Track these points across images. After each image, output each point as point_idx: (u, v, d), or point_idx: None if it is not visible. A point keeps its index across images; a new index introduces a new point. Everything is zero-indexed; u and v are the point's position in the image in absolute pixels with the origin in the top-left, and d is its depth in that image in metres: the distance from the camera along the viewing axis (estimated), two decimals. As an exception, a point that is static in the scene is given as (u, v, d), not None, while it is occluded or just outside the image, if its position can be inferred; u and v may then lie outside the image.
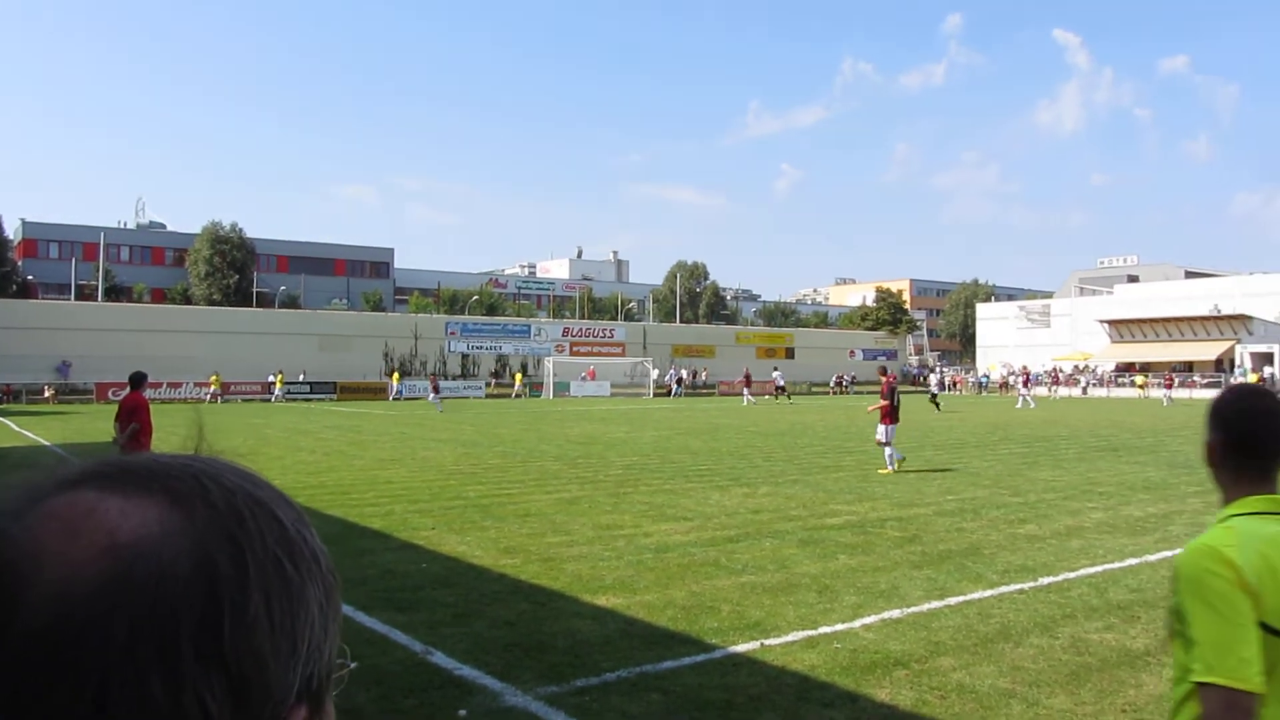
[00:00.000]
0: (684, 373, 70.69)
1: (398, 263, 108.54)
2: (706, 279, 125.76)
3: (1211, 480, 2.30)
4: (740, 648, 6.50)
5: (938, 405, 42.51)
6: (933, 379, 43.24)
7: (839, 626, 7.04)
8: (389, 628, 7.03)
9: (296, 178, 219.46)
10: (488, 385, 65.94)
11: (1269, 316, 72.97)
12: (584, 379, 67.66)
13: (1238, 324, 71.66)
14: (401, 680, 5.92)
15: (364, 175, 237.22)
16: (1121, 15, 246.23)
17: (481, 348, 71.66)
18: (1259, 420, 2.20)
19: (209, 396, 51.12)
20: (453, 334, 70.62)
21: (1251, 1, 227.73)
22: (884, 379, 18.59)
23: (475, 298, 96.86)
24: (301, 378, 58.43)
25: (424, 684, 5.87)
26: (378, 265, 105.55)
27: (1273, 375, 65.91)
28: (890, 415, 17.67)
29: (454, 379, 66.99)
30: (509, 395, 61.97)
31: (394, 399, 57.16)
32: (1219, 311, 74.40)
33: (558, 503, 13.45)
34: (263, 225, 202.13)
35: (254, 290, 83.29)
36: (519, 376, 64.81)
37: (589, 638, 6.81)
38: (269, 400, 55.20)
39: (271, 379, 55.67)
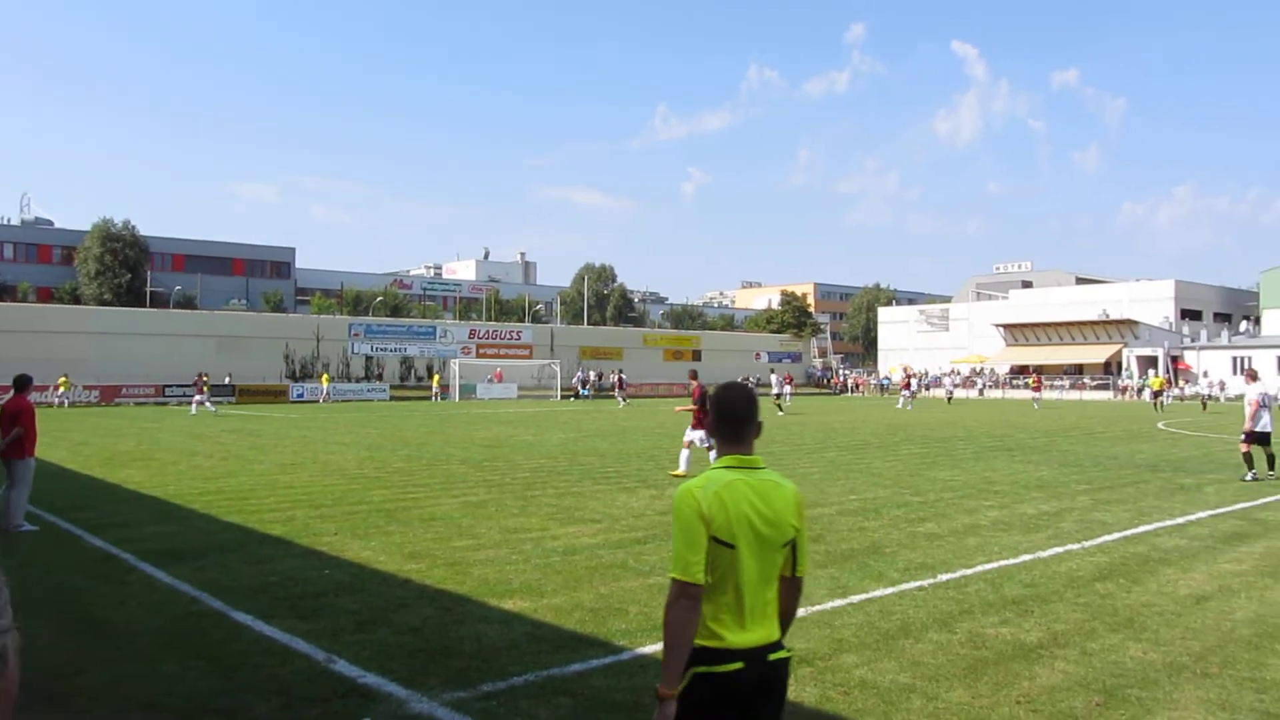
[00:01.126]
0: (592, 374, 70.68)
1: (299, 263, 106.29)
2: (614, 281, 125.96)
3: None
4: (648, 649, 6.52)
5: (780, 407, 43.22)
6: (774, 379, 43.72)
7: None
8: (290, 636, 6.87)
9: (192, 175, 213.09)
10: (393, 387, 65.07)
11: (1154, 321, 76.12)
12: (491, 381, 67.13)
13: (1125, 329, 74.59)
14: (303, 690, 5.79)
15: (264, 173, 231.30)
16: (1016, 29, 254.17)
17: (386, 350, 70.57)
18: (730, 404, 3.30)
19: (58, 401, 48.82)
20: (356, 335, 69.39)
21: (1137, 19, 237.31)
22: (694, 384, 18.32)
23: (380, 299, 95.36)
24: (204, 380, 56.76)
25: (327, 693, 5.75)
26: (278, 265, 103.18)
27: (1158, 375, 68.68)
28: (701, 420, 17.14)
29: (358, 381, 65.89)
30: (414, 398, 61.18)
31: (324, 401, 56.38)
32: (1107, 316, 77.38)
33: (464, 506, 13.32)
34: (157, 223, 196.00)
35: (148, 290, 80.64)
36: (437, 378, 64.09)
37: (496, 642, 6.76)
38: (164, 404, 53.51)
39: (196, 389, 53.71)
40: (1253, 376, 17.65)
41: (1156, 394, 45.50)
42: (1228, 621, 7.26)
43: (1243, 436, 16.90)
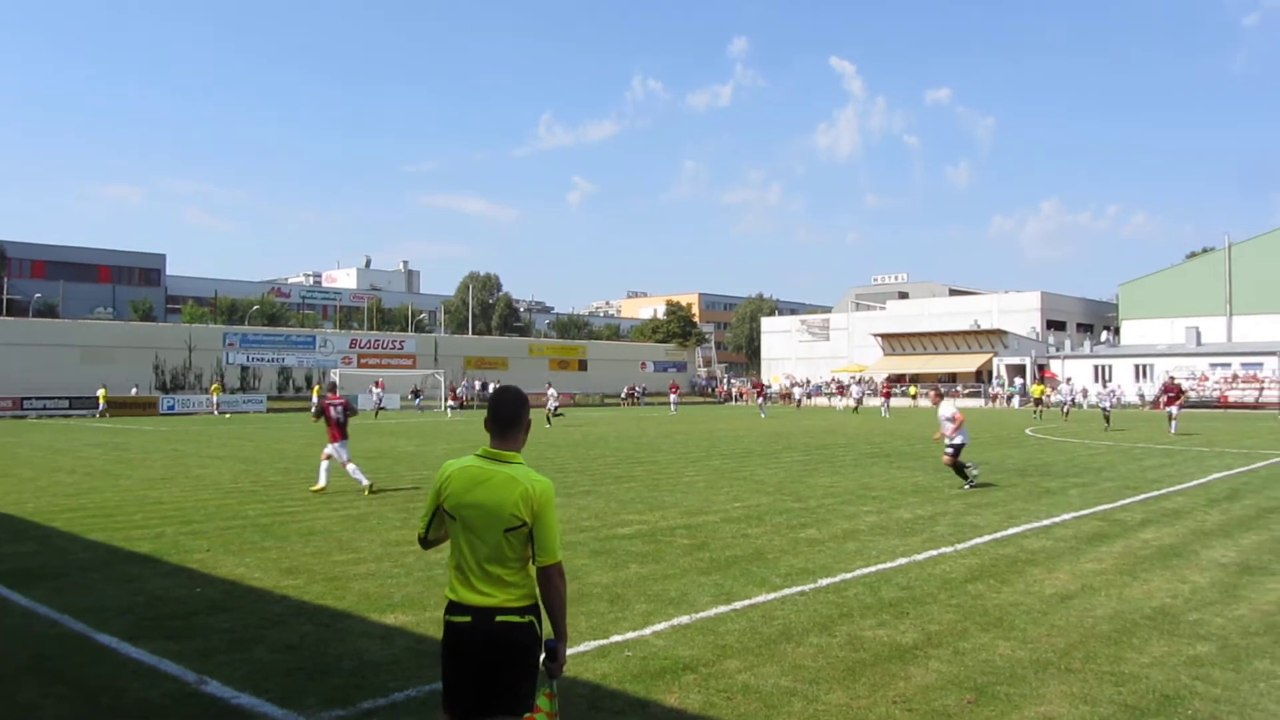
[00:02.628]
0: (477, 384, 69.98)
1: (170, 270, 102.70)
2: (499, 290, 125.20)
3: None
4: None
5: (549, 420, 43.12)
6: (551, 393, 43.31)
7: (630, 634, 7.13)
8: (158, 658, 6.60)
9: (45, 175, 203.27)
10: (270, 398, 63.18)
11: (1021, 331, 79.29)
12: (373, 391, 65.84)
13: (995, 338, 77.48)
14: (172, 713, 5.57)
15: (127, 175, 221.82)
16: (892, 48, 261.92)
17: (263, 359, 68.57)
18: (494, 404, 3.96)
19: None
20: (231, 345, 67.25)
21: (1004, 40, 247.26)
22: (333, 396, 17.05)
23: (256, 307, 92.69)
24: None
25: (197, 715, 5.55)
26: (147, 272, 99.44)
27: (1023, 385, 71.58)
28: (338, 431, 16.42)
29: (233, 392, 63.78)
30: (293, 409, 59.50)
31: (217, 413, 54.40)
32: (978, 326, 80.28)
33: (344, 520, 13.03)
34: (13, 227, 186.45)
35: (4, 298, 76.61)
36: (317, 389, 62.30)
37: (377, 658, 6.62)
38: (22, 417, 50.90)
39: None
40: (939, 396, 17.97)
41: (1038, 401, 46.91)
42: (1089, 618, 7.60)
43: (950, 451, 16.76)
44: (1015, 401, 68.67)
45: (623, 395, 78.67)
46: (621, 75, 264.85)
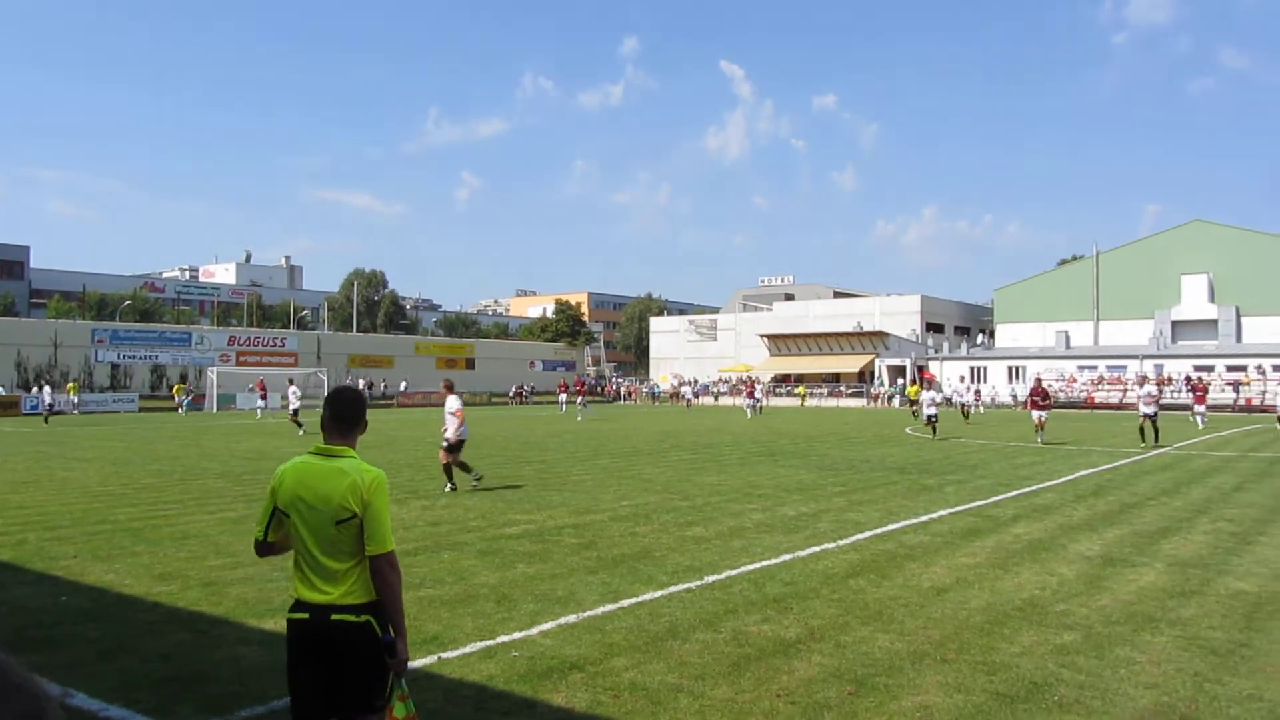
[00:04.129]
0: (361, 382, 68.61)
1: (34, 262, 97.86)
2: (385, 287, 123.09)
3: None
4: (417, 663, 6.38)
5: (300, 425, 38.79)
6: (292, 393, 38.95)
7: (517, 635, 7.10)
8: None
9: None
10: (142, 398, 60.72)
11: (902, 333, 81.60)
12: (252, 390, 63.95)
13: (876, 340, 79.53)
14: (34, 726, 5.31)
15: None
16: (780, 54, 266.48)
17: (135, 357, 65.83)
18: (329, 401, 4.05)
19: None
20: (100, 342, 64.37)
21: (888, 49, 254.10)
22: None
23: (128, 303, 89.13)
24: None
25: (62, 728, 5.30)
26: (9, 264, 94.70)
27: (902, 386, 73.60)
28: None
29: (102, 391, 61.14)
30: (166, 409, 57.34)
31: (75, 412, 51.52)
32: (861, 328, 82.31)
33: (221, 522, 12.62)
34: None
35: None
36: (179, 387, 60.04)
37: (256, 664, 6.44)
38: None
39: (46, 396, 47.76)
40: (449, 388, 16.89)
41: (913, 402, 47.76)
42: (964, 610, 7.87)
43: (444, 445, 16.31)
44: (896, 402, 70.58)
45: (511, 394, 78.15)
46: (512, 73, 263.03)
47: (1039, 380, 29.93)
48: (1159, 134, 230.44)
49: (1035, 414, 28.58)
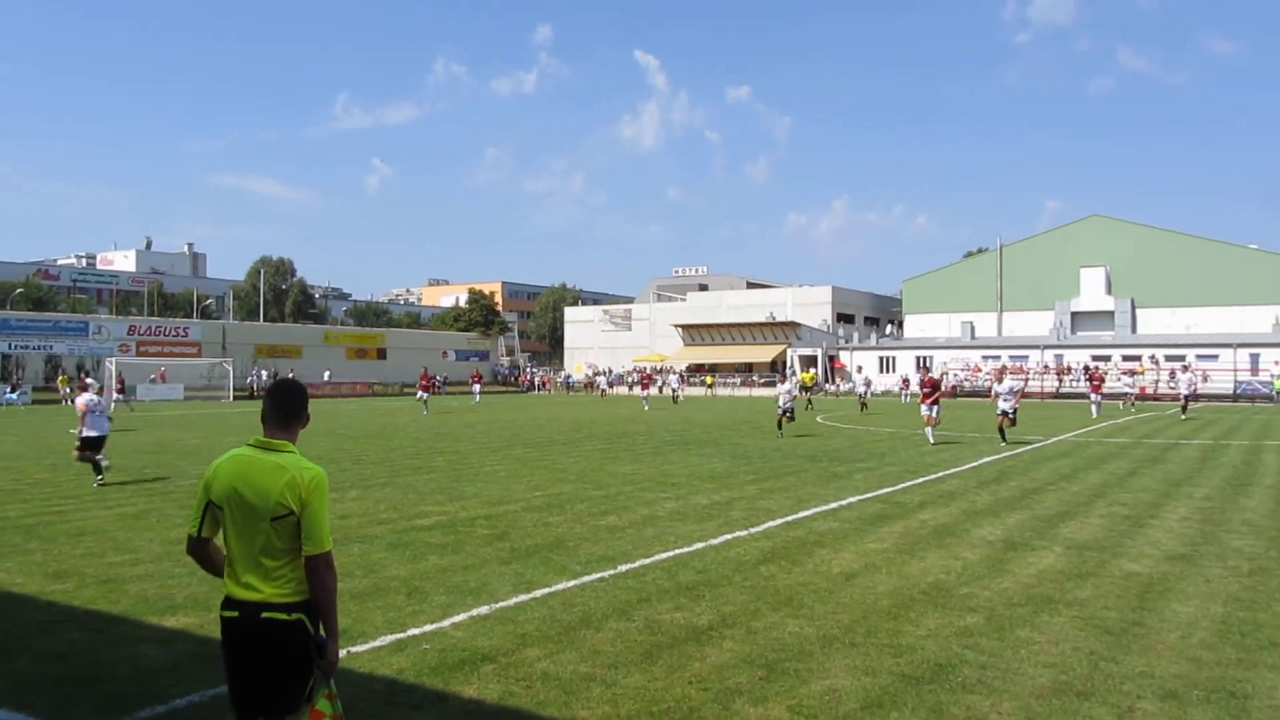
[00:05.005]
0: (264, 374, 67.12)
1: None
2: (293, 276, 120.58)
3: None
4: (325, 658, 6.27)
5: (130, 407, 37.84)
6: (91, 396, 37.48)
7: (428, 627, 7.02)
8: (-100, 672, 6.00)
9: None
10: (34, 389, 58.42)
11: (813, 324, 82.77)
12: (153, 381, 62.08)
13: (789, 330, 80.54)
14: (-84, 732, 5.08)
15: None
16: (694, 44, 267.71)
17: (28, 347, 63.39)
18: (270, 395, 3.94)
19: None
20: (-9, 331, 61.85)
21: (800, 43, 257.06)
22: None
23: (20, 291, 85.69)
24: None
25: (-54, 733, 5.08)
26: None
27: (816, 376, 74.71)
28: None
29: (-8, 382, 58.67)
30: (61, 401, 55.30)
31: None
32: (774, 319, 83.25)
33: (120, 518, 12.22)
34: None
35: None
36: (64, 379, 57.76)
37: (156, 663, 6.25)
38: None
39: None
40: (82, 387, 17.03)
41: (806, 389, 48.14)
42: (871, 595, 8.02)
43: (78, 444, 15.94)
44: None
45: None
46: (423, 58, 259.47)
47: (926, 369, 27.05)
48: (1060, 131, 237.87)
49: (925, 409, 24.19)
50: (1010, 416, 24.09)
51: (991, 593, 8.12)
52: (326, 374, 73.99)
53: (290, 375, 64.80)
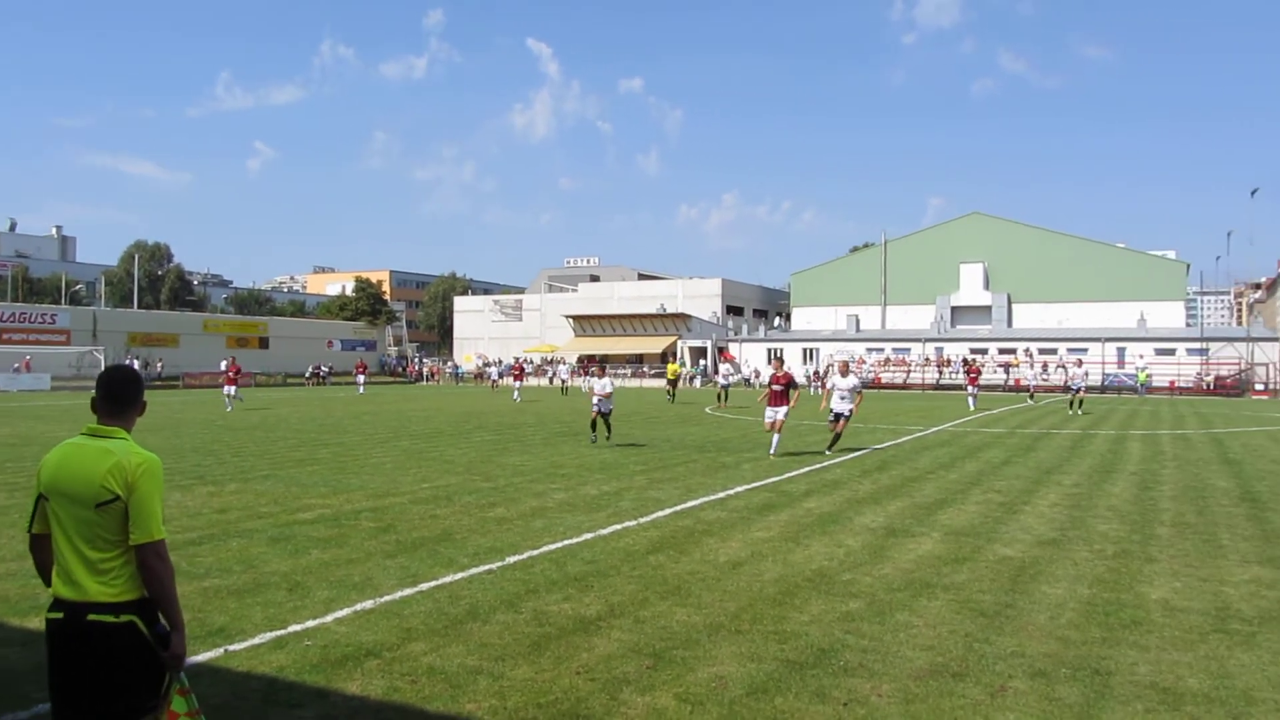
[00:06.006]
0: (136, 363, 64.63)
1: None
2: (170, 261, 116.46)
3: None
4: (201, 657, 6.07)
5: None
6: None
7: (310, 623, 6.85)
8: None
9: None
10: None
11: (704, 316, 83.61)
12: (17, 371, 59.17)
13: (679, 322, 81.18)
14: None
15: None
16: (587, 33, 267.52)
17: (-122, 333, 59.75)
18: (100, 383, 3.68)
19: None
20: None
21: (693, 36, 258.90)
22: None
23: None
24: None
25: None
26: None
27: (705, 367, 75.57)
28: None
29: None
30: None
31: None
32: (664, 310, 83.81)
33: (-21, 513, 11.60)
34: None
35: None
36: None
37: (17, 666, 5.97)
38: None
39: None
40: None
41: (671, 382, 46.52)
42: (758, 583, 8.14)
43: None
44: (697, 382, 72.30)
45: (307, 375, 75.38)
46: (310, 38, 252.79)
47: (780, 360, 19.94)
48: (943, 130, 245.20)
49: (771, 413, 18.75)
50: (846, 419, 19.68)
51: (873, 578, 8.32)
52: (224, 363, 71.60)
53: (130, 362, 62.50)
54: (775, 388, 18.88)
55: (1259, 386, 60.88)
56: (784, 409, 18.62)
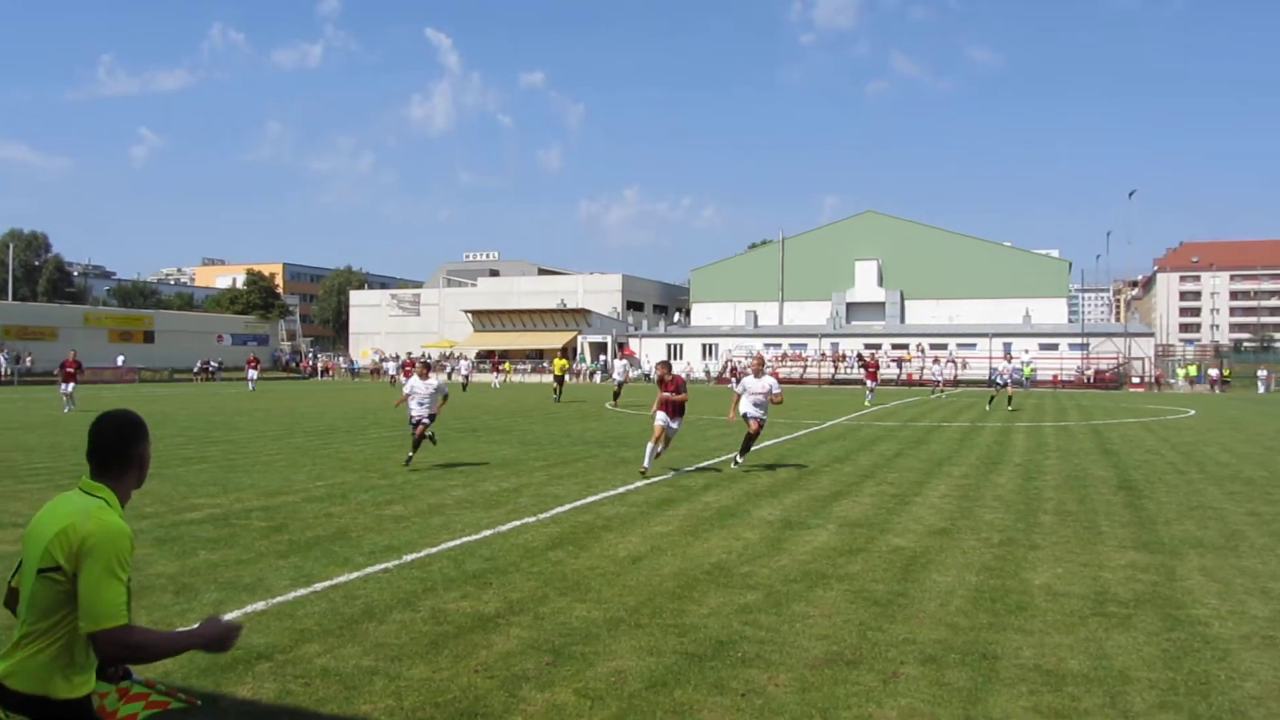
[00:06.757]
0: (3, 358, 61.87)
1: None
2: (48, 251, 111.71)
3: None
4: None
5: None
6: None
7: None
8: None
9: None
10: None
11: (604, 311, 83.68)
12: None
13: (579, 317, 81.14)
14: None
15: None
16: (488, 25, 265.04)
17: None
18: (90, 434, 3.14)
19: None
20: None
21: (595, 31, 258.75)
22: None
23: None
24: None
25: None
26: None
27: (605, 362, 75.65)
28: None
29: None
30: None
31: None
32: (565, 305, 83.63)
33: None
34: None
35: None
36: None
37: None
38: None
39: None
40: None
41: (559, 378, 43.36)
42: (657, 577, 8.18)
43: None
44: (597, 378, 72.35)
45: (195, 370, 73.07)
46: (198, 21, 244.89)
47: (663, 364, 16.57)
48: (839, 129, 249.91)
49: (661, 419, 15.33)
50: (761, 423, 16.23)
51: (770, 570, 8.45)
52: (121, 358, 69.00)
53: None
54: (666, 390, 15.47)
55: (1135, 380, 63.74)
56: (669, 418, 15.37)
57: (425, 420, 16.32)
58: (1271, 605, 7.37)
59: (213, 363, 74.68)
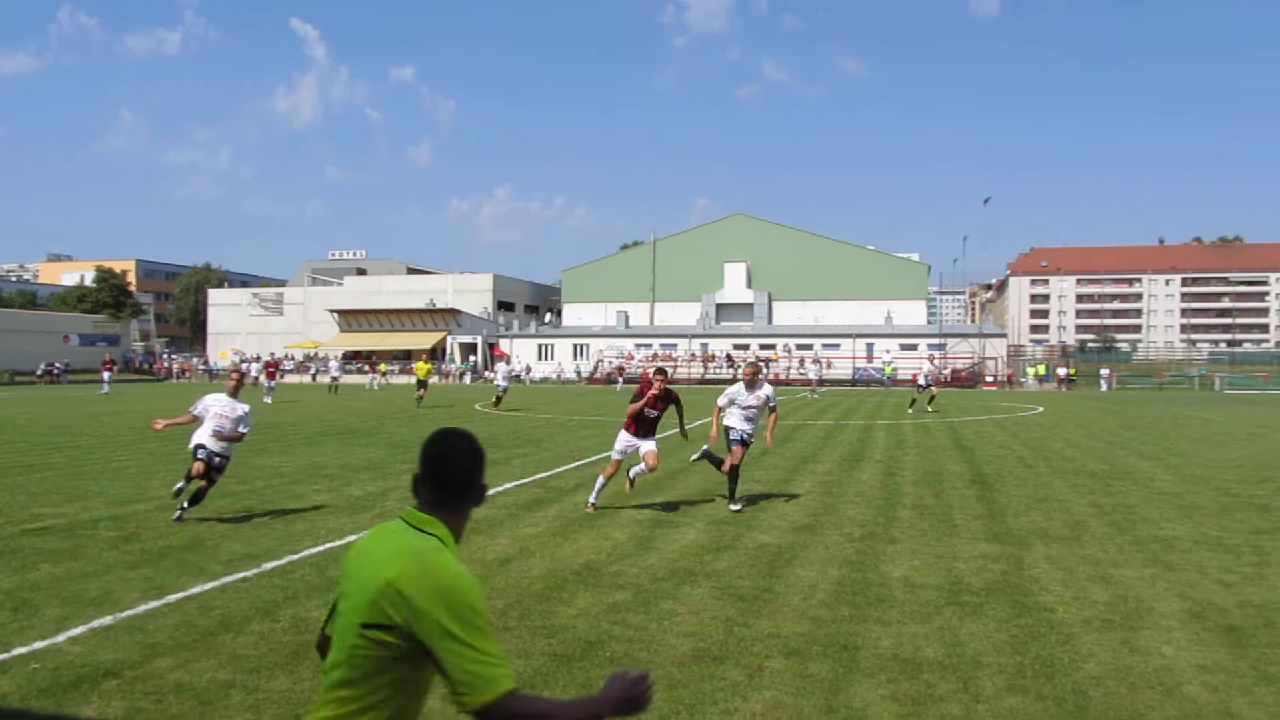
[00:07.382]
0: None
1: None
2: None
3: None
4: (-95, 687, 5.46)
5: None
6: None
7: (38, 644, 6.28)
8: None
9: None
10: None
11: (474, 311, 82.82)
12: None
13: (449, 317, 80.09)
14: None
15: None
16: (356, 17, 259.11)
17: None
18: (423, 455, 2.72)
19: None
20: None
21: (467, 26, 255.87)
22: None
23: None
24: None
25: None
26: None
27: (476, 363, 74.95)
28: None
29: None
30: None
31: None
32: (434, 305, 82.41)
33: None
34: None
35: None
36: None
37: None
38: None
39: None
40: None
41: (421, 383, 38.49)
42: (526, 578, 8.14)
43: None
44: (467, 378, 71.58)
45: (39, 372, 69.23)
46: (45, 4, 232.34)
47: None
48: (710, 131, 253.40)
49: (627, 442, 12.42)
50: (746, 446, 12.65)
51: (639, 569, 8.50)
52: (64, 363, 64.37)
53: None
54: (649, 412, 12.27)
55: (989, 378, 66.56)
56: (652, 441, 12.32)
57: (216, 461, 11.14)
58: (1111, 591, 7.80)
59: (58, 364, 70.85)
